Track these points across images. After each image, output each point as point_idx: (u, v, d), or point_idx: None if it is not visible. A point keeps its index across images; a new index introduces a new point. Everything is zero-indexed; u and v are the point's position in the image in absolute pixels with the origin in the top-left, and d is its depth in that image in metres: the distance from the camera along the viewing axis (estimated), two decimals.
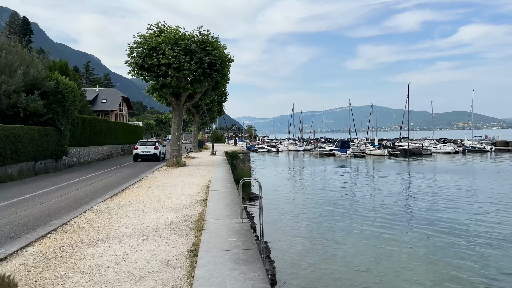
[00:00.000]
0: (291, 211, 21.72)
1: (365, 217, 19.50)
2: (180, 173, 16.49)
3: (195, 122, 37.07)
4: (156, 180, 14.31)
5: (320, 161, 62.06)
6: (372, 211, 21.05)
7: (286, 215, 20.62)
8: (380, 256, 13.56)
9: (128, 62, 18.94)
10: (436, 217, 19.76)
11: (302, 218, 19.79)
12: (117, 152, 36.20)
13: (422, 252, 13.79)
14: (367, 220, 18.96)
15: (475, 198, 24.99)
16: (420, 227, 17.45)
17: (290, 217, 20.04)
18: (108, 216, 8.14)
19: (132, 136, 42.72)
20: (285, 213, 20.94)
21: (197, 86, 18.81)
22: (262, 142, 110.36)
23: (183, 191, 11.44)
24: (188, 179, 14.46)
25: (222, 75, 19.14)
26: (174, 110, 20.10)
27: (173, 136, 20.15)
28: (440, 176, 37.06)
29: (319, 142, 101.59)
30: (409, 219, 19.09)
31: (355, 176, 38.96)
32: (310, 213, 21.04)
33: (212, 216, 7.46)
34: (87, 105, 64.63)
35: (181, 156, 20.38)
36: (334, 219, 19.45)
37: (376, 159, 62.59)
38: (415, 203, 23.48)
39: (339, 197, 26.14)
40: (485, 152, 70.38)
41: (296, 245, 14.68)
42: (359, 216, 19.91)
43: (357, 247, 14.68)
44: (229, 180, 13.33)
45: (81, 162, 26.68)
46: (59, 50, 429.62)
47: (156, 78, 18.46)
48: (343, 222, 18.81)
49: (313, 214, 20.77)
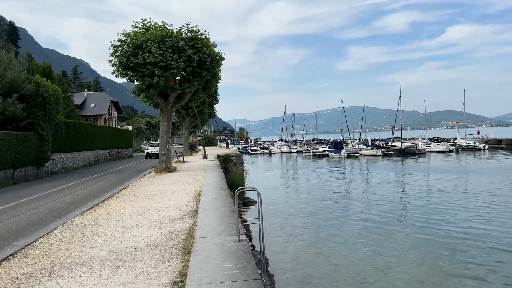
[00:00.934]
0: (288, 217, 20.64)
1: (368, 224, 18.49)
2: (169, 179, 15.31)
3: (186, 125, 35.84)
4: (142, 188, 13.12)
5: (314, 162, 61.15)
6: (374, 216, 20.07)
7: (285, 222, 19.53)
8: (387, 268, 12.57)
9: (112, 62, 17.72)
10: (433, 218, 19.28)
11: (301, 226, 18.72)
12: (104, 158, 34.84)
13: (425, 264, 12.83)
14: (370, 227, 17.96)
15: (473, 199, 24.25)
16: (421, 232, 16.51)
17: (289, 225, 18.97)
18: (82, 234, 6.97)
19: (120, 141, 41.36)
20: (283, 220, 19.85)
21: (186, 86, 17.64)
22: (255, 144, 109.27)
23: (171, 200, 10.28)
24: (177, 186, 13.30)
25: (213, 74, 18.00)
26: (162, 112, 18.92)
27: (161, 140, 18.94)
28: (435, 176, 36.33)
29: (311, 143, 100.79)
30: (410, 222, 18.13)
31: (350, 178, 38.04)
32: (310, 220, 19.97)
33: (204, 232, 6.34)
34: (74, 110, 63.00)
35: (170, 160, 19.19)
36: (334, 226, 18.41)
37: (370, 160, 61.88)
38: (414, 205, 22.57)
39: (337, 201, 25.13)
40: (479, 151, 70.10)
41: (299, 264, 13.48)
42: (360, 222, 18.90)
43: (364, 259, 13.68)
44: (222, 187, 12.20)
45: (65, 169, 25.33)
46: (48, 56, 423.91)
47: (142, 78, 17.26)
48: (345, 229, 17.77)
49: (312, 221, 19.71)
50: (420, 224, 17.90)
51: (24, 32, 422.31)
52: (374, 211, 21.23)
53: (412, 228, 17.41)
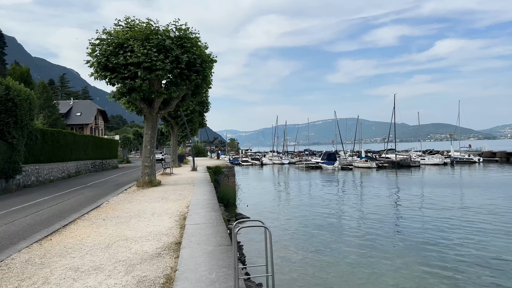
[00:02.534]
0: (287, 237, 18.64)
1: (371, 243, 16.60)
2: (151, 196, 13.28)
3: (174, 134, 33.81)
4: (118, 207, 11.08)
5: (307, 174, 59.35)
6: (374, 233, 18.19)
7: (284, 244, 17.52)
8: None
9: (90, 62, 15.76)
10: (430, 235, 17.93)
11: (302, 248, 16.73)
12: (86, 169, 32.55)
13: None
14: (372, 245, 16.07)
15: (470, 214, 22.69)
16: (417, 249, 14.70)
17: (290, 247, 16.97)
18: (16, 282, 4.96)
19: (104, 151, 39.09)
20: (282, 242, 17.84)
21: (173, 90, 15.73)
22: (246, 155, 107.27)
23: (149, 225, 8.30)
24: (160, 204, 11.29)
25: (203, 77, 16.13)
26: (146, 119, 16.94)
27: (145, 150, 16.92)
28: (432, 190, 34.74)
29: (303, 154, 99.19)
30: (409, 240, 16.28)
31: (346, 191, 36.23)
32: (310, 242, 17.98)
33: (186, 284, 4.39)
34: (59, 118, 60.69)
35: (154, 173, 17.16)
36: (332, 244, 16.47)
37: (364, 172, 60.32)
38: (412, 221, 20.79)
39: (335, 217, 23.24)
40: (474, 164, 69.10)
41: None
42: (361, 241, 16.99)
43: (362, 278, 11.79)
44: (213, 207, 10.24)
45: (40, 181, 23.07)
46: (37, 65, 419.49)
47: (123, 80, 15.32)
48: (346, 249, 15.84)
49: (312, 242, 17.72)
50: (417, 241, 16.36)
51: (13, 41, 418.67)
52: (373, 228, 19.41)
53: (410, 246, 15.66)
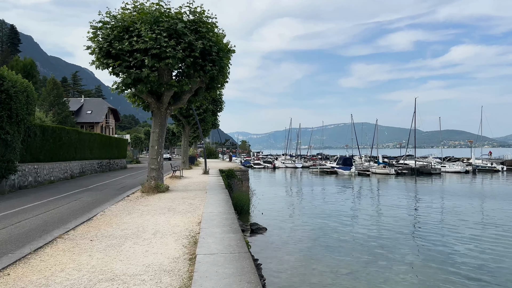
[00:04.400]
0: (304, 250, 16.32)
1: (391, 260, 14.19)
2: (156, 206, 11.16)
3: (186, 134, 31.79)
4: (113, 221, 8.98)
5: (322, 180, 56.86)
6: (398, 247, 15.73)
7: (302, 256, 15.20)
8: None
9: (91, 49, 13.77)
10: (448, 249, 16.17)
11: (312, 257, 14.40)
12: (92, 169, 30.71)
13: None
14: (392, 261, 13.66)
15: (495, 230, 20.18)
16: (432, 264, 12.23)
17: (308, 261, 14.67)
18: None
19: (113, 150, 37.27)
20: (299, 253, 15.53)
21: (185, 83, 13.63)
22: (258, 158, 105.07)
23: (148, 253, 6.16)
24: (165, 218, 9.16)
25: (220, 68, 13.99)
26: (154, 115, 14.87)
27: (151, 150, 14.84)
28: (456, 201, 32.06)
29: (317, 158, 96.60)
30: (428, 254, 13.78)
31: (366, 200, 33.70)
32: (323, 250, 15.64)
33: None
34: (69, 116, 59.47)
35: (162, 177, 15.06)
36: (352, 260, 14.10)
37: (382, 178, 57.59)
38: (435, 237, 18.24)
39: (357, 228, 20.82)
40: (497, 172, 65.81)
41: None
42: (387, 260, 14.57)
43: None
44: (231, 224, 8.07)
45: (39, 182, 21.20)
46: (52, 64, 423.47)
47: (127, 69, 13.28)
48: (365, 264, 13.48)
49: (327, 251, 15.36)
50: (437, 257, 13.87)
51: (30, 40, 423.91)
52: (395, 242, 17.00)
53: (427, 260, 13.26)
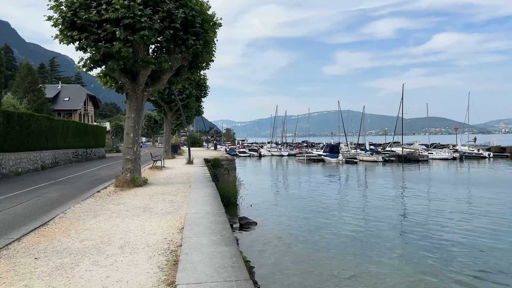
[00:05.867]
0: (297, 246, 14.74)
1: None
2: (130, 204, 9.36)
3: (168, 121, 29.73)
4: (72, 227, 7.16)
5: (309, 168, 55.57)
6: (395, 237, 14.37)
7: (294, 251, 13.64)
8: None
9: (54, 20, 11.68)
10: (438, 238, 14.72)
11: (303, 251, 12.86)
12: (66, 159, 28.49)
13: None
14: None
15: (487, 219, 19.24)
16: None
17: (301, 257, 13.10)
18: None
19: (89, 139, 34.98)
20: (291, 248, 13.96)
21: (165, 59, 11.71)
22: (243, 146, 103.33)
23: (110, 280, 4.41)
24: (139, 222, 7.39)
25: (205, 43, 12.11)
26: (129, 98, 12.93)
27: (126, 138, 12.94)
28: (445, 188, 31.26)
29: (303, 146, 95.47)
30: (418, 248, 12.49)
31: (356, 189, 32.41)
32: (326, 250, 14.11)
33: None
34: (46, 103, 56.44)
35: (139, 169, 13.19)
36: (343, 253, 12.63)
37: (370, 166, 56.67)
38: (424, 227, 17.01)
39: (354, 222, 19.35)
40: (483, 159, 65.72)
41: None
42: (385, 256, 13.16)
43: None
44: (221, 231, 6.37)
45: (4, 174, 19.05)
46: (31, 50, 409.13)
47: (96, 43, 11.28)
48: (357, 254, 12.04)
49: (330, 252, 13.84)
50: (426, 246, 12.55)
51: (7, 26, 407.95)
52: (391, 233, 15.67)
53: (415, 250, 11.96)
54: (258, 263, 12.91)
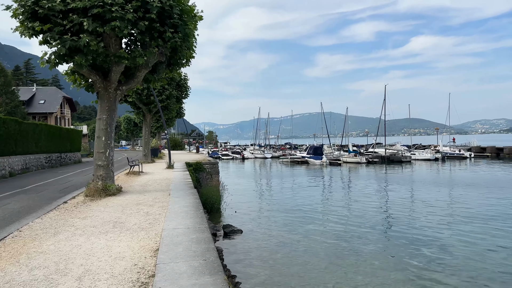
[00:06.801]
0: (285, 256, 13.72)
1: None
2: (99, 218, 8.17)
3: (147, 124, 28.36)
4: (25, 250, 5.95)
5: (294, 170, 54.80)
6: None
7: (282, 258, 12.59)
8: None
9: (13, 10, 10.38)
10: (419, 239, 14.06)
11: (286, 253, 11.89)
12: (38, 165, 26.81)
13: None
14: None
15: (467, 217, 19.01)
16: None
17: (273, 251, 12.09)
18: None
19: (64, 143, 33.24)
20: (278, 254, 12.92)
21: (139, 54, 10.54)
22: (226, 148, 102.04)
23: None
24: (106, 241, 6.24)
25: (184, 37, 11.00)
26: (100, 97, 11.69)
27: (97, 142, 11.69)
28: (429, 189, 31.09)
29: (286, 148, 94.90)
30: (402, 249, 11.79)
31: (341, 191, 31.71)
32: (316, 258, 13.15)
33: None
34: (20, 106, 54.03)
35: (112, 176, 11.94)
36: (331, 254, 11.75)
37: (353, 167, 56.32)
38: (411, 229, 16.37)
39: (341, 228, 18.48)
40: (465, 159, 66.31)
41: None
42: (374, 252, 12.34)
43: None
44: (205, 252, 5.29)
45: None
46: (7, 53, 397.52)
47: (61, 36, 10.04)
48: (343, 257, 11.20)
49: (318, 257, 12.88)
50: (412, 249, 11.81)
51: None
52: (378, 236, 14.90)
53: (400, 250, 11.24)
54: (245, 277, 11.86)
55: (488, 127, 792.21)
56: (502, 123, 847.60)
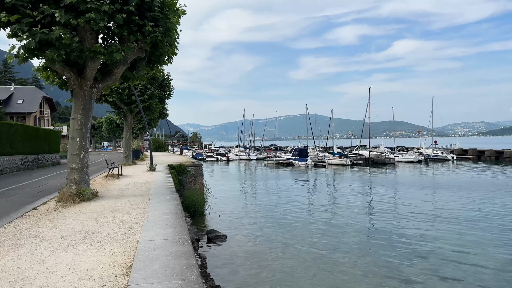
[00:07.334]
0: (273, 264, 13.13)
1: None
2: (69, 227, 7.42)
3: (128, 125, 27.40)
4: None
5: (279, 172, 54.34)
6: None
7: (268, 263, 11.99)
8: None
9: None
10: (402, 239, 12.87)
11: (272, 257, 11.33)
12: (13, 167, 25.61)
13: None
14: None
15: (449, 221, 18.89)
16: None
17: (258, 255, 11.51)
18: None
19: (42, 144, 31.97)
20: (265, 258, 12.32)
21: (117, 49, 9.81)
22: (210, 150, 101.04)
23: None
24: (73, 255, 5.53)
25: (165, 31, 10.31)
26: (75, 96, 10.90)
27: (71, 144, 10.89)
28: (414, 192, 31.09)
29: (271, 150, 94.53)
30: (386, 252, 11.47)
31: (328, 195, 31.37)
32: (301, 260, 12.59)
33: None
34: None
35: (87, 180, 11.14)
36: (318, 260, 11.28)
37: (338, 170, 56.21)
38: (396, 232, 16.10)
39: (327, 233, 18.02)
40: (447, 161, 67.01)
41: None
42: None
43: None
44: (184, 270, 4.65)
45: None
46: None
47: (30, 28, 9.24)
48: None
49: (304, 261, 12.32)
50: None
51: None
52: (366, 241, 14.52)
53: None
54: (230, 286, 11.23)
55: (468, 130, 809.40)
56: (481, 126, 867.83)
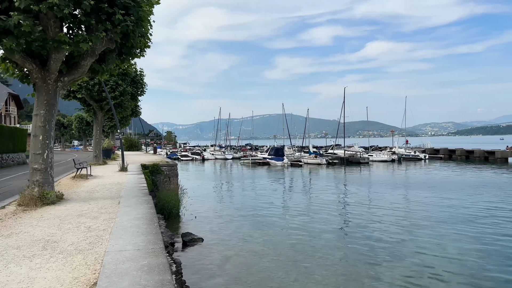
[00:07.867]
0: (250, 266, 12.60)
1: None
2: (27, 235, 6.62)
3: (98, 123, 26.18)
4: None
5: (255, 171, 53.89)
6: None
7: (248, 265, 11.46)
8: None
9: None
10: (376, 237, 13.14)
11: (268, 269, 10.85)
12: None
13: None
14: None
15: (423, 218, 18.65)
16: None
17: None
18: None
19: (6, 143, 30.22)
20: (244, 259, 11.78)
21: (83, 39, 9.00)
22: (185, 149, 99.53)
23: None
24: (28, 270, 4.80)
25: (137, 21, 9.57)
26: (37, 90, 9.99)
27: (34, 142, 9.98)
28: (387, 190, 31.40)
29: (247, 149, 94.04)
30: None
31: (304, 194, 31.14)
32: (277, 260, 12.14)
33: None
34: None
35: (51, 181, 10.25)
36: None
37: (314, 169, 56.32)
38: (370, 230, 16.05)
39: (304, 233, 17.65)
40: (420, 160, 68.39)
41: None
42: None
43: None
44: (157, 283, 4.02)
45: None
46: None
47: None
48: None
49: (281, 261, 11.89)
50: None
51: None
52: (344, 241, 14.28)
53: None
54: None
55: (437, 130, 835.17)
56: (450, 126, 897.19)
